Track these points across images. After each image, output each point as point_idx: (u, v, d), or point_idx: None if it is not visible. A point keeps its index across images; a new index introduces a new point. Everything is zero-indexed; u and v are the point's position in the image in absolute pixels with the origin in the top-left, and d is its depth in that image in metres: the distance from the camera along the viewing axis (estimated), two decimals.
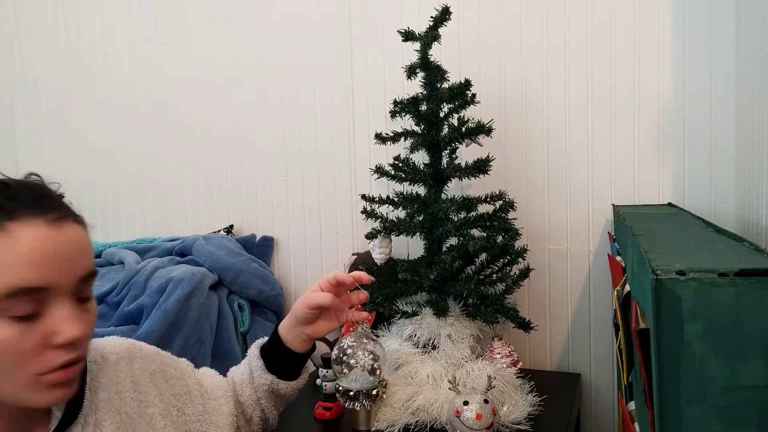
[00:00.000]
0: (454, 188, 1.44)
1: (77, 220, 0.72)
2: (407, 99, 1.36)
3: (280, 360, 0.98)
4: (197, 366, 1.00)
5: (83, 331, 0.68)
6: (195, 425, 0.90)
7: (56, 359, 0.67)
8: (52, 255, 0.66)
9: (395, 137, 1.40)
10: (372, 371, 1.14)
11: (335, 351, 1.15)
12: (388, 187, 1.51)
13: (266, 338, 1.02)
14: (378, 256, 1.48)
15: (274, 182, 1.84)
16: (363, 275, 0.97)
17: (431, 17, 1.32)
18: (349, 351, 1.13)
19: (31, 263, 0.65)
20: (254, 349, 1.01)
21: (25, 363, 0.66)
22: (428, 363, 1.30)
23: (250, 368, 1.00)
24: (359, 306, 1.01)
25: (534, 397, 1.31)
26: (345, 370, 1.14)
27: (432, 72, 1.33)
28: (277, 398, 1.00)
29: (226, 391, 0.98)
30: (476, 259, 1.42)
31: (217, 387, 0.98)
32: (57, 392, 0.69)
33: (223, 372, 1.05)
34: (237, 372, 1.03)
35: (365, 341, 1.13)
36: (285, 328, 0.99)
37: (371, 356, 1.13)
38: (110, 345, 0.86)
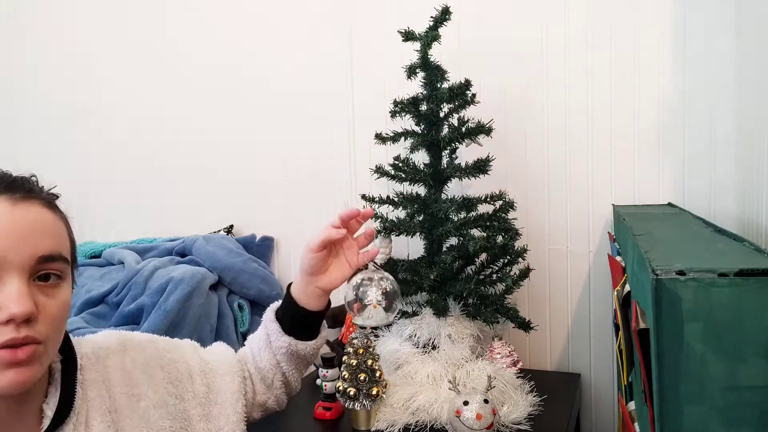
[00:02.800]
0: (454, 188, 1.43)
1: (48, 203, 0.73)
2: (407, 99, 1.36)
3: (296, 320, 0.97)
4: None
5: (29, 310, 0.66)
6: (196, 409, 0.88)
7: (2, 336, 0.65)
8: (7, 230, 0.67)
9: (395, 137, 1.40)
10: (387, 308, 1.11)
11: (347, 291, 1.09)
12: (388, 187, 1.51)
13: (279, 302, 1.01)
14: (378, 256, 1.48)
15: (274, 182, 1.84)
16: (366, 211, 0.97)
17: (431, 17, 1.32)
18: (361, 289, 1.07)
19: None
20: (269, 314, 1.00)
21: None
22: (428, 363, 1.30)
23: (266, 333, 0.98)
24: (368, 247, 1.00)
25: (534, 397, 1.31)
26: (358, 309, 1.11)
27: (432, 72, 1.33)
28: (298, 360, 0.99)
29: (232, 367, 0.96)
30: (476, 259, 1.42)
31: (224, 363, 0.96)
32: (8, 375, 0.66)
33: None
34: (254, 339, 1.01)
35: (377, 277, 1.07)
36: (297, 286, 0.97)
37: (383, 292, 1.10)
38: (102, 340, 0.85)
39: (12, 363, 0.66)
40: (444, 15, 1.31)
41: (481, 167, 1.32)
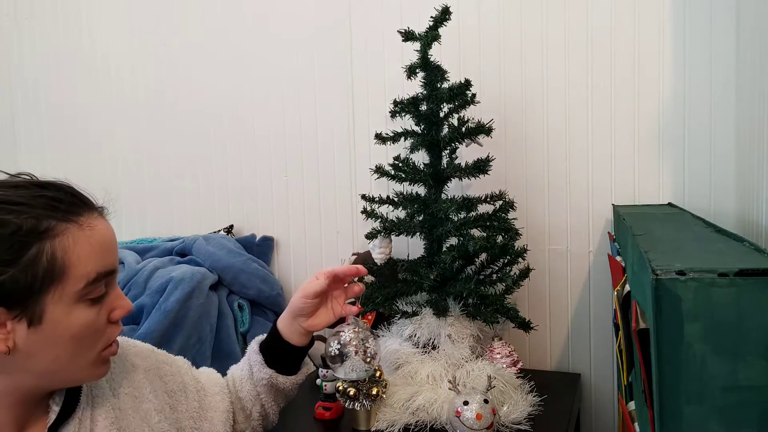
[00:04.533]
0: (454, 188, 1.44)
1: None
2: (407, 99, 1.36)
3: (279, 354, 1.00)
4: (196, 367, 1.01)
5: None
6: (188, 422, 0.91)
7: (114, 333, 0.78)
8: (114, 241, 0.77)
9: (395, 137, 1.40)
10: (366, 360, 1.13)
11: (329, 344, 1.14)
12: (388, 187, 1.51)
13: (265, 334, 1.03)
14: (378, 256, 1.48)
15: (274, 182, 1.84)
16: (360, 267, 1.00)
17: (431, 17, 1.32)
18: (342, 342, 1.12)
19: (107, 250, 0.74)
20: (254, 345, 1.03)
21: (97, 340, 0.75)
22: (428, 363, 1.30)
23: (249, 364, 1.01)
24: (355, 300, 1.03)
25: (534, 397, 1.31)
26: (339, 362, 1.13)
27: (432, 72, 1.33)
28: (276, 393, 1.01)
29: (222, 388, 0.99)
30: (476, 259, 1.42)
31: (214, 384, 0.99)
32: (108, 365, 0.78)
33: (223, 372, 1.05)
34: (237, 369, 1.04)
35: (358, 332, 1.12)
36: (283, 321, 1.00)
37: (364, 346, 1.12)
38: None
39: (111, 356, 0.78)
40: (444, 15, 1.31)
41: (481, 167, 1.32)
